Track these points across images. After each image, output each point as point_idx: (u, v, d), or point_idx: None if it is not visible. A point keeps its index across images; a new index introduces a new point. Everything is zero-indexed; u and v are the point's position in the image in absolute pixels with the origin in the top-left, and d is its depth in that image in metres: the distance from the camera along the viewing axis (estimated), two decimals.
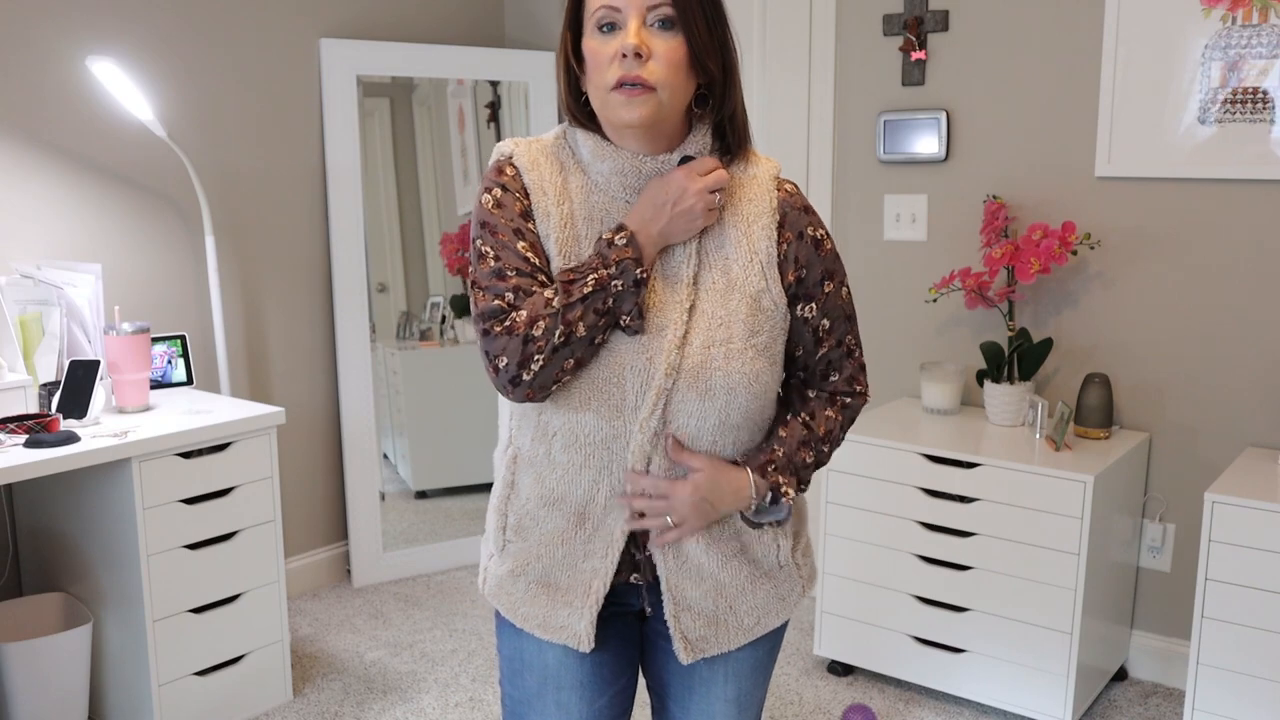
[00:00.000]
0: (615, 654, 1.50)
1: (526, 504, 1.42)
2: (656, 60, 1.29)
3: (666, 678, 1.53)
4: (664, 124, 1.34)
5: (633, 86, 1.28)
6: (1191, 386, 2.80)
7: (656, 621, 1.47)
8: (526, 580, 1.44)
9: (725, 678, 1.50)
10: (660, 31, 1.29)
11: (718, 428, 1.35)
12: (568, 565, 1.41)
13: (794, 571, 1.48)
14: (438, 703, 2.82)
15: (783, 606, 1.48)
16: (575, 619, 1.41)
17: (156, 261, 3.07)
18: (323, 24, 3.38)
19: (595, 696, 1.49)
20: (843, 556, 2.86)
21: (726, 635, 1.45)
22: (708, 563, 1.40)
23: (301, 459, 3.48)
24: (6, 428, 2.34)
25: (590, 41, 1.32)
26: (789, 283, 1.38)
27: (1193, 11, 2.65)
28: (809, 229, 1.40)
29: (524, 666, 1.50)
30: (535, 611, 1.44)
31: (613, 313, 1.30)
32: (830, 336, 1.43)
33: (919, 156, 3.09)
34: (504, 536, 1.46)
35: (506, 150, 1.40)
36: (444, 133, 3.73)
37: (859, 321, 1.59)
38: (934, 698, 2.83)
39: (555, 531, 1.40)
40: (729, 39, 1.35)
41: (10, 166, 2.76)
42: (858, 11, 3.15)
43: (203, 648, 2.60)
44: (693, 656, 1.44)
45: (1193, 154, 2.70)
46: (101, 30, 2.88)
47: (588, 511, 1.38)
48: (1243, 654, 2.34)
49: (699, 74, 1.33)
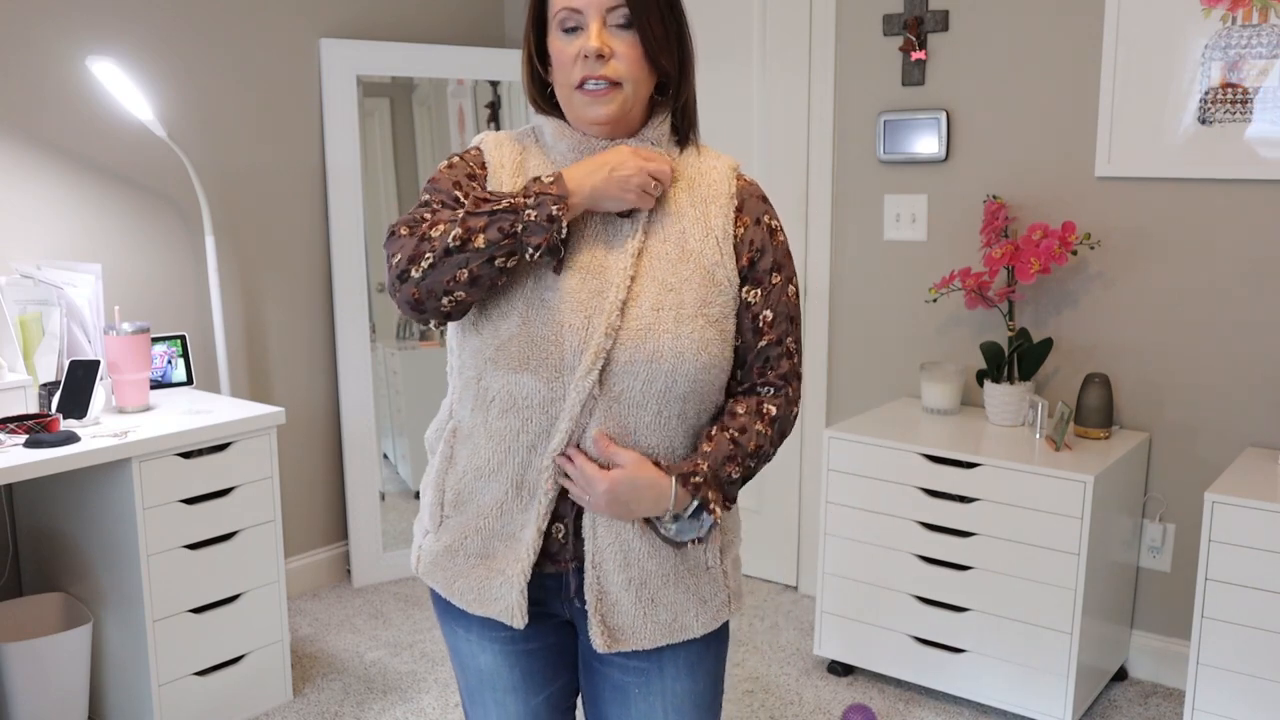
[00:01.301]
0: (548, 660, 1.51)
1: (464, 477, 1.43)
2: (619, 59, 1.34)
3: (604, 711, 1.51)
4: (628, 118, 1.39)
5: (597, 84, 1.34)
6: (1191, 386, 2.80)
7: (586, 635, 1.46)
8: (465, 554, 1.44)
9: (665, 714, 1.47)
10: (620, 31, 1.34)
11: (663, 396, 1.34)
12: (505, 536, 1.41)
13: (720, 578, 1.46)
14: (438, 703, 2.82)
15: (703, 609, 1.45)
16: (508, 589, 1.41)
17: (156, 261, 3.07)
18: (323, 24, 3.38)
19: (530, 696, 1.52)
20: (843, 556, 2.86)
21: (645, 630, 1.42)
22: (638, 546, 1.39)
23: (301, 459, 3.48)
24: (6, 428, 2.34)
25: (555, 42, 1.37)
26: (742, 266, 1.40)
27: (1193, 11, 2.65)
28: (765, 217, 1.43)
29: (463, 664, 1.54)
30: (471, 584, 1.44)
31: (519, 239, 1.30)
32: (772, 330, 1.41)
33: (919, 156, 3.09)
34: (441, 512, 1.46)
35: (478, 138, 1.48)
36: (444, 133, 3.73)
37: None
38: (934, 698, 2.83)
39: (493, 502, 1.41)
40: (685, 35, 1.41)
41: (10, 166, 2.76)
42: (858, 11, 3.15)
43: (203, 648, 2.60)
44: (610, 646, 1.41)
45: (1193, 154, 2.70)
46: (101, 30, 2.88)
47: (525, 479, 1.38)
48: (1243, 654, 2.34)
49: (657, 70, 1.39)
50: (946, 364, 3.02)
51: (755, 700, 2.83)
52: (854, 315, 3.28)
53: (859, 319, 3.28)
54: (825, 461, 2.85)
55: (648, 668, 1.44)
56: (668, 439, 1.37)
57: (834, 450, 2.84)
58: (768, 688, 2.89)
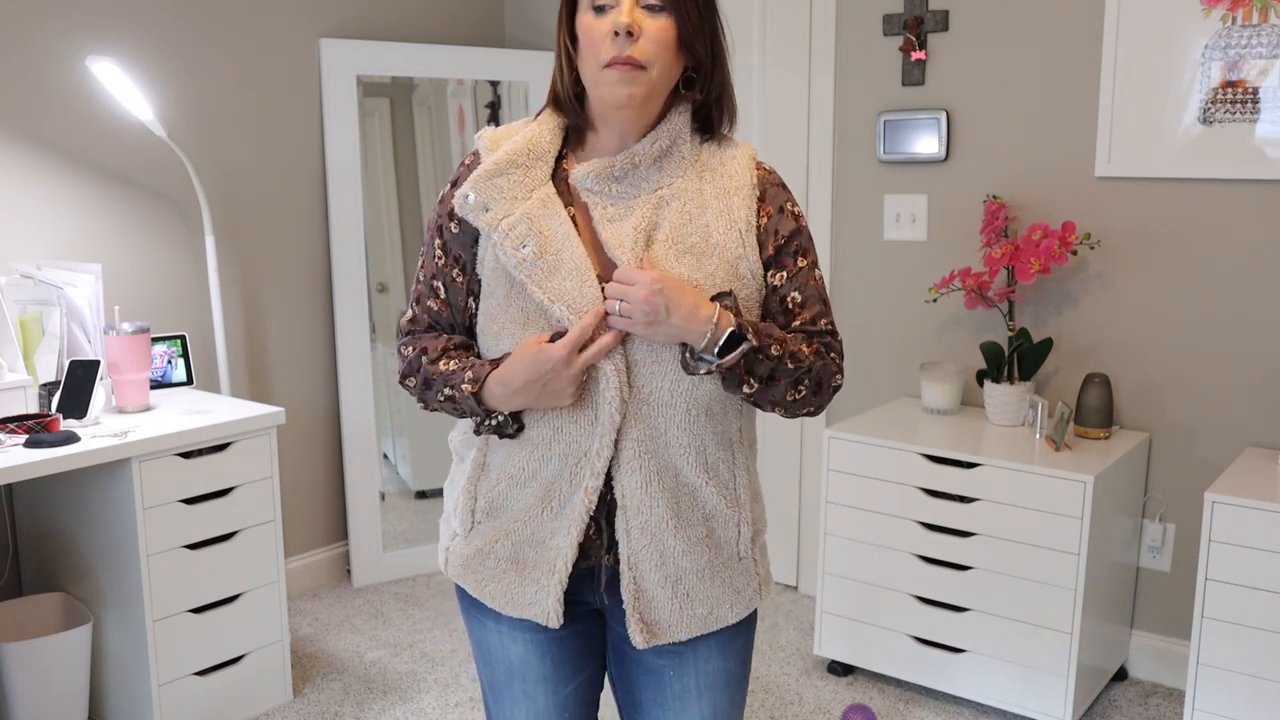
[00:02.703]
0: (578, 648, 1.51)
1: (497, 484, 1.44)
2: (647, 39, 1.32)
3: (638, 695, 1.52)
4: (653, 102, 1.37)
5: (624, 65, 1.31)
6: (1191, 386, 2.80)
7: (618, 624, 1.47)
8: (496, 558, 1.45)
9: (699, 692, 1.49)
10: (652, 13, 1.33)
11: (690, 393, 1.35)
12: (535, 543, 1.42)
13: (751, 566, 1.48)
14: (438, 703, 2.82)
15: (737, 600, 1.46)
16: (543, 595, 1.42)
17: (156, 261, 3.07)
18: (323, 24, 3.38)
19: (560, 686, 1.52)
20: (842, 556, 2.86)
21: (681, 624, 1.43)
22: (673, 544, 1.39)
23: (301, 459, 3.48)
24: (6, 428, 2.34)
25: (584, 18, 1.35)
26: (768, 255, 1.39)
27: (1193, 11, 2.65)
28: (788, 204, 1.43)
29: (491, 657, 1.53)
30: (503, 589, 1.45)
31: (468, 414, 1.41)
32: (805, 310, 1.40)
33: (919, 156, 3.09)
34: (473, 518, 1.47)
35: (477, 136, 1.47)
36: (444, 133, 3.73)
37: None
38: (934, 698, 2.83)
39: (524, 509, 1.42)
40: (718, 24, 1.40)
41: (10, 166, 2.76)
42: (858, 11, 3.15)
43: (203, 648, 2.60)
44: (649, 641, 1.42)
45: (1193, 154, 2.70)
46: (101, 30, 2.88)
47: (555, 488, 1.39)
48: (1243, 654, 2.34)
49: (687, 56, 1.37)
50: (946, 364, 3.02)
51: (755, 700, 2.83)
52: (854, 315, 3.28)
53: (859, 319, 3.27)
54: (825, 461, 2.85)
55: (682, 650, 1.47)
56: (698, 438, 1.38)
57: (834, 450, 2.84)
58: (768, 688, 2.89)
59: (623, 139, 1.39)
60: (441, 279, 1.44)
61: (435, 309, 1.46)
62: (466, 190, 1.37)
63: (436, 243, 1.44)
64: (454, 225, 1.41)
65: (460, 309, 1.45)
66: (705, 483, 1.39)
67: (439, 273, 1.44)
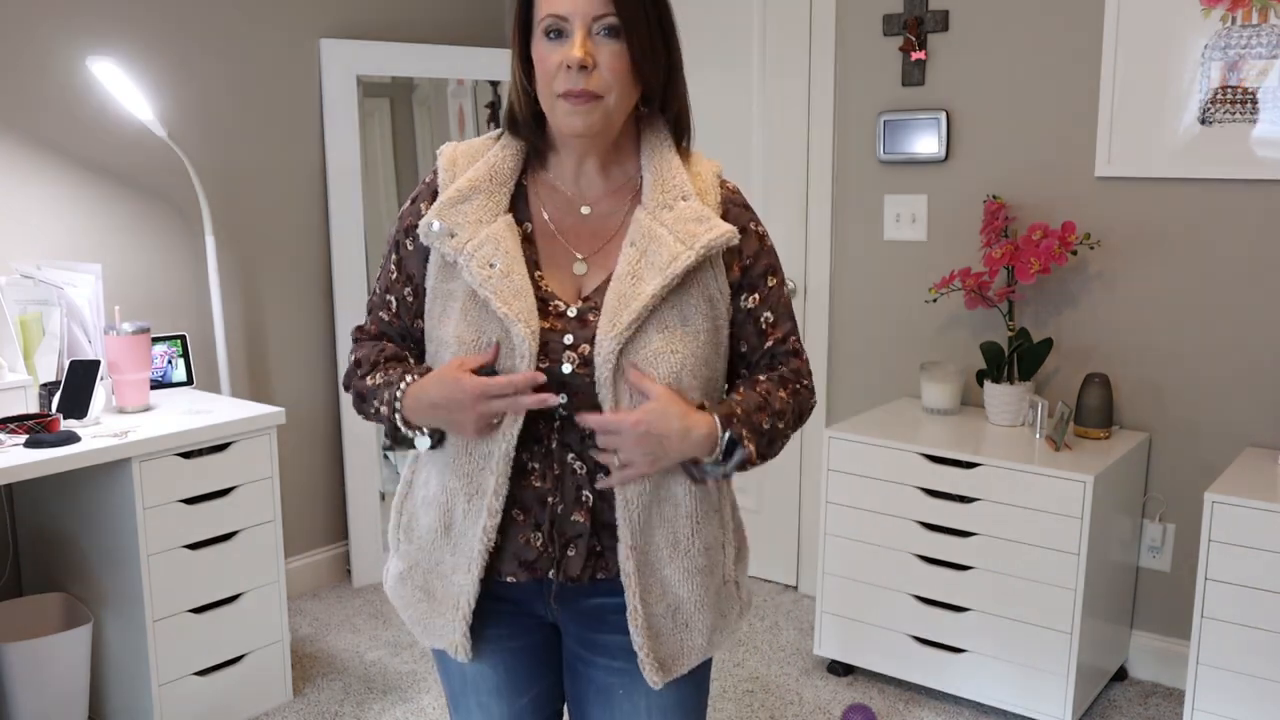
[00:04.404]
0: (532, 660, 1.50)
1: (416, 505, 1.45)
2: (603, 68, 1.29)
3: (587, 711, 1.50)
4: (610, 129, 1.35)
5: (579, 98, 1.29)
6: (1191, 386, 2.80)
7: (570, 639, 1.46)
8: (412, 585, 1.47)
9: (649, 713, 1.46)
10: (606, 39, 1.30)
11: None
12: (440, 574, 1.43)
13: (734, 591, 1.47)
14: (438, 703, 2.82)
15: (724, 625, 1.46)
16: (449, 629, 1.43)
17: (156, 261, 3.07)
18: (323, 24, 3.38)
19: (514, 698, 1.51)
20: (842, 556, 2.86)
21: (684, 656, 1.42)
22: (668, 573, 1.39)
23: (301, 459, 3.48)
24: (6, 428, 2.34)
25: (539, 48, 1.33)
26: (734, 276, 1.39)
27: (1193, 12, 2.65)
28: (752, 224, 1.42)
29: (448, 668, 1.53)
30: (418, 616, 1.47)
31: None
32: (775, 330, 1.41)
33: (919, 156, 3.09)
34: (397, 535, 1.48)
35: (439, 151, 1.47)
36: (444, 133, 3.73)
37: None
38: (934, 698, 2.83)
39: (427, 534, 1.43)
40: (674, 45, 1.37)
41: (10, 167, 2.76)
42: (858, 12, 3.15)
43: (203, 648, 2.60)
44: (665, 677, 1.41)
45: (1192, 154, 2.70)
46: (101, 30, 2.88)
47: (451, 518, 1.39)
48: (1243, 654, 2.34)
49: (643, 78, 1.35)
50: (946, 364, 3.02)
51: (755, 700, 2.83)
52: (854, 315, 3.28)
53: (859, 319, 3.28)
54: (825, 461, 2.85)
55: (631, 669, 1.43)
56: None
57: (834, 450, 2.84)
58: (768, 688, 2.89)
59: (582, 159, 1.39)
60: (394, 294, 1.44)
61: (386, 319, 1.47)
62: (431, 219, 1.36)
63: (393, 258, 1.44)
64: (409, 243, 1.42)
65: (409, 324, 1.46)
66: (697, 505, 1.39)
67: (391, 286, 1.44)
